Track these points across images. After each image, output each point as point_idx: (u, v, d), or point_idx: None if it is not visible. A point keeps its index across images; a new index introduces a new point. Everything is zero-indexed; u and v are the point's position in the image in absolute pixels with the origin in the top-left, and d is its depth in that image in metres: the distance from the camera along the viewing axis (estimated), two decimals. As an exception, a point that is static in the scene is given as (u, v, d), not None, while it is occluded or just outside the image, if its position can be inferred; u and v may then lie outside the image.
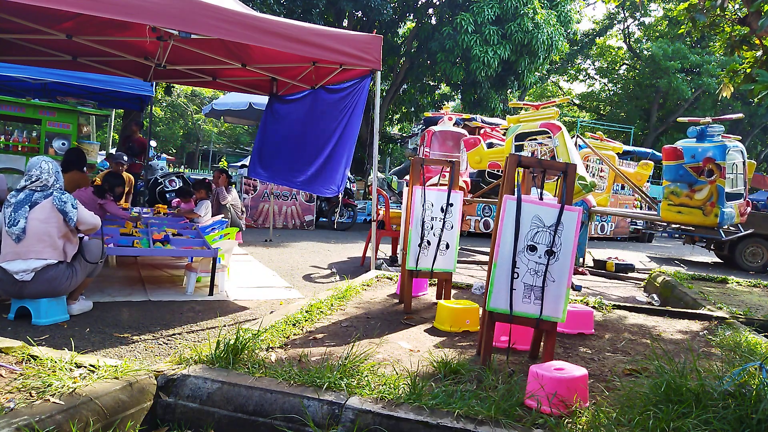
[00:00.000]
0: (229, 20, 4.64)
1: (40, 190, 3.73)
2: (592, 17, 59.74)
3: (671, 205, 6.06)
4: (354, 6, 14.39)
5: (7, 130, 7.90)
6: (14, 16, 5.35)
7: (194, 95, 34.26)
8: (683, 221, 6.19)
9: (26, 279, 3.58)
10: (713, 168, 5.82)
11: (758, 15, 4.69)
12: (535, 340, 3.13)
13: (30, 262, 3.59)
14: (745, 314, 4.60)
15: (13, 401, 2.03)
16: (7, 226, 3.61)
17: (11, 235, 3.60)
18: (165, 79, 8.47)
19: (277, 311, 4.04)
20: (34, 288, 3.60)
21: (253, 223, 11.26)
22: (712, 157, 5.79)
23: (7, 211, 3.65)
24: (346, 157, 6.06)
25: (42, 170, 3.77)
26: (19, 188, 3.75)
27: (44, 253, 3.63)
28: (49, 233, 3.66)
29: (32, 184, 3.73)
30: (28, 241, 3.60)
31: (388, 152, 21.51)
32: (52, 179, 3.81)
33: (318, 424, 2.25)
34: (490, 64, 14.15)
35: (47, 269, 3.62)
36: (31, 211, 3.65)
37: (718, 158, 5.77)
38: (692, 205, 5.92)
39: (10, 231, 3.60)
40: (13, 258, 3.59)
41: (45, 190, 3.75)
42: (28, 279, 3.58)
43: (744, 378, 2.35)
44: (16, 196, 3.70)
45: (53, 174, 3.82)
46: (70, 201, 3.79)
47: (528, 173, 3.32)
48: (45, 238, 3.65)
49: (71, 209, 3.76)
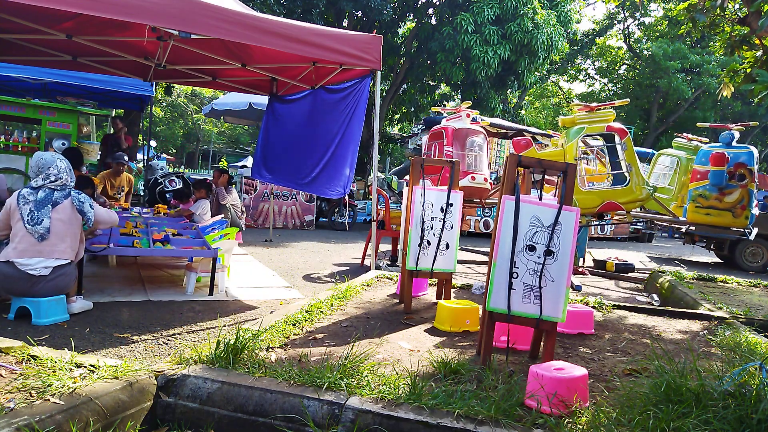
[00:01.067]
0: (229, 20, 4.65)
1: (60, 189, 3.81)
2: (592, 17, 59.81)
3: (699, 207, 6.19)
4: (354, 6, 14.39)
5: (7, 130, 7.91)
6: (14, 16, 5.35)
7: (194, 95, 34.24)
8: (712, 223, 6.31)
9: (44, 273, 3.64)
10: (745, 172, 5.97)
11: (758, 15, 4.69)
12: (535, 340, 3.13)
13: (51, 261, 3.67)
14: (745, 314, 4.60)
15: (13, 401, 2.03)
16: (30, 224, 3.65)
17: (34, 233, 3.64)
18: (165, 79, 8.47)
19: (277, 311, 4.04)
20: (47, 285, 3.65)
21: (253, 223, 11.26)
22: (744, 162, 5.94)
23: (26, 209, 3.68)
24: (350, 158, 6.06)
25: (60, 169, 3.83)
26: (35, 186, 3.78)
27: (66, 252, 3.76)
28: (71, 233, 3.80)
29: (52, 183, 3.79)
30: (51, 240, 3.69)
31: (388, 152, 21.50)
32: (70, 178, 3.89)
33: (318, 424, 2.25)
34: (490, 64, 14.15)
35: (61, 267, 3.72)
36: (53, 211, 3.72)
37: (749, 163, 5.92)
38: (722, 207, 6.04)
39: (34, 229, 3.64)
40: (33, 255, 3.64)
41: (64, 190, 3.83)
42: (45, 273, 3.65)
43: (744, 378, 2.35)
44: (34, 194, 3.73)
45: (70, 172, 3.90)
46: (87, 201, 3.91)
47: (528, 173, 3.32)
48: (66, 239, 3.77)
49: (89, 209, 3.90)
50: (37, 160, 3.83)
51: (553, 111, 31.26)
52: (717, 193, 6.09)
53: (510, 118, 16.91)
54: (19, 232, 3.67)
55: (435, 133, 7.85)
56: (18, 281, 3.62)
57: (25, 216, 3.67)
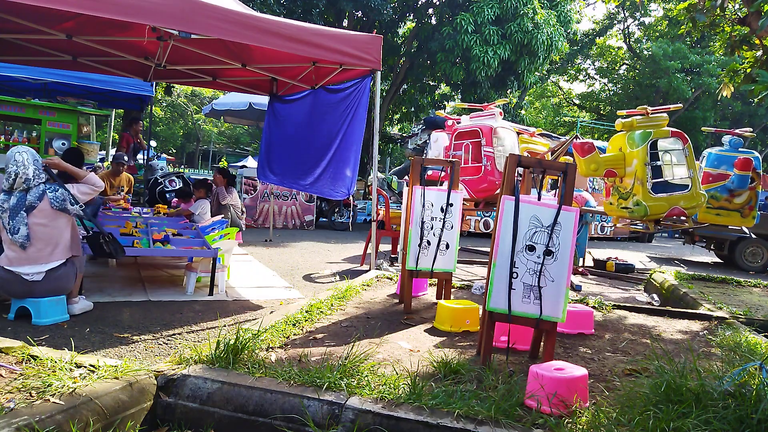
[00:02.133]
0: (229, 20, 4.64)
1: (33, 189, 3.59)
2: (592, 17, 59.81)
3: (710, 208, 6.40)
4: (354, 6, 14.38)
5: (7, 130, 7.90)
6: (14, 16, 5.35)
7: (194, 95, 34.24)
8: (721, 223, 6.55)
9: (37, 279, 3.60)
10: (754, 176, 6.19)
11: (758, 15, 4.69)
12: (535, 340, 3.13)
13: (41, 266, 3.60)
14: (745, 314, 4.60)
15: (13, 401, 2.03)
16: (9, 233, 3.54)
17: (16, 242, 3.54)
18: (165, 79, 8.47)
19: (277, 311, 4.05)
20: (43, 287, 3.62)
21: (253, 223, 11.26)
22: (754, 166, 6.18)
23: (4, 217, 3.55)
24: (353, 158, 6.06)
25: (18, 164, 3.56)
26: (5, 189, 3.60)
27: (56, 255, 3.66)
28: (56, 234, 3.67)
29: (16, 184, 3.57)
30: (35, 246, 3.58)
31: (388, 152, 21.50)
32: (31, 171, 3.59)
33: (318, 424, 2.25)
34: (490, 64, 14.15)
35: (56, 269, 3.67)
36: (30, 216, 3.55)
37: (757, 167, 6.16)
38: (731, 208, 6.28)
39: (14, 239, 3.53)
40: (22, 263, 3.58)
41: (32, 186, 3.59)
42: (39, 279, 3.60)
43: (744, 378, 2.35)
44: (8, 201, 3.57)
45: (29, 164, 3.60)
46: (67, 197, 3.69)
47: (529, 173, 3.32)
48: (52, 241, 3.65)
49: (71, 204, 3.71)
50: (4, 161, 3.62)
51: (553, 111, 31.23)
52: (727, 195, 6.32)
53: (510, 118, 16.91)
54: (6, 240, 3.58)
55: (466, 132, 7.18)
56: (15, 284, 3.60)
57: (5, 225, 3.54)
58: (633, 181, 5.44)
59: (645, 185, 5.33)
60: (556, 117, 30.45)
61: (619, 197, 5.62)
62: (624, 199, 5.54)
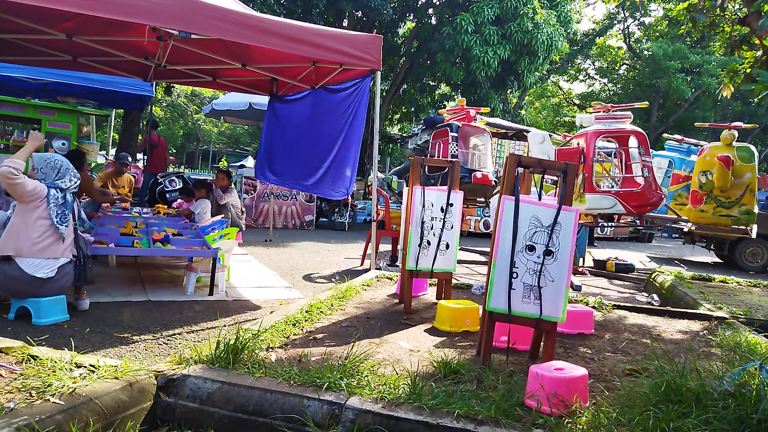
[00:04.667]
0: (229, 20, 4.65)
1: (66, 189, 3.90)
2: (592, 17, 59.81)
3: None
4: (354, 6, 14.38)
5: (7, 130, 7.91)
6: (14, 16, 5.35)
7: (194, 95, 34.22)
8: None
9: (51, 276, 3.66)
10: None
11: (758, 15, 4.69)
12: (535, 340, 3.13)
13: (60, 261, 3.74)
14: (745, 314, 4.60)
15: (13, 401, 2.03)
16: (59, 223, 3.70)
17: (61, 233, 3.70)
18: (165, 79, 8.47)
19: (277, 311, 4.05)
20: (53, 286, 3.68)
21: (253, 223, 11.26)
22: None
23: (54, 209, 3.70)
24: (353, 158, 6.07)
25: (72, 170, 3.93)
26: (63, 187, 3.81)
27: (68, 251, 3.82)
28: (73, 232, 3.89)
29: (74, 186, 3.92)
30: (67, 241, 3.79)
31: (388, 152, 21.50)
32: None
33: (318, 424, 2.25)
34: (490, 64, 14.15)
35: (65, 266, 3.77)
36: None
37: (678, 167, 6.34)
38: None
39: (61, 229, 3.71)
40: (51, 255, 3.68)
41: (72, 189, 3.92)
42: (52, 275, 3.67)
43: (744, 378, 2.35)
44: (63, 196, 3.78)
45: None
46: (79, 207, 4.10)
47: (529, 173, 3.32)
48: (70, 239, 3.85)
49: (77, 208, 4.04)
50: (51, 162, 3.81)
51: (552, 111, 31.23)
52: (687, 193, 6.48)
53: (510, 118, 16.91)
54: (41, 228, 3.65)
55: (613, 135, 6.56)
56: (24, 284, 3.60)
57: (53, 215, 3.68)
58: (744, 192, 5.72)
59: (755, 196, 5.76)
60: (556, 117, 30.45)
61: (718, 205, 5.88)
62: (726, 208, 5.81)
